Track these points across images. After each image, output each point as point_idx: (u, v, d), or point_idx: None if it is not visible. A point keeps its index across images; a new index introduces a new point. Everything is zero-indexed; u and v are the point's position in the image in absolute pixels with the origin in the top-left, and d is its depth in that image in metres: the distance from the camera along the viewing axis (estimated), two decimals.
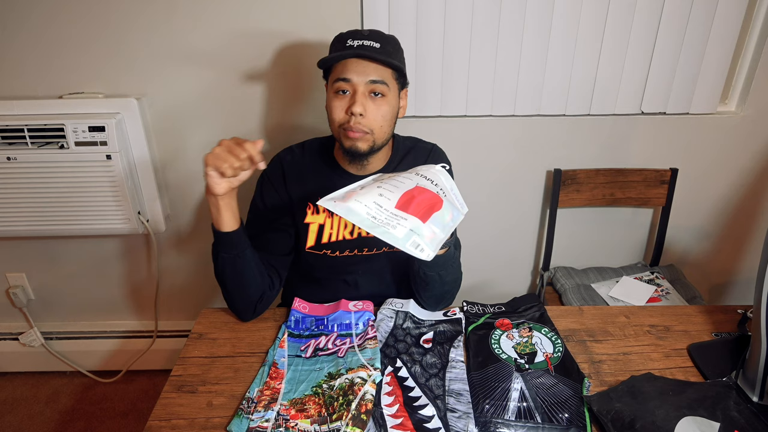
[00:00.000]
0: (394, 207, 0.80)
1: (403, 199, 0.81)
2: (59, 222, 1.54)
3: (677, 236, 1.77)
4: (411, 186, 0.83)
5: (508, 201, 1.71)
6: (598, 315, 1.14)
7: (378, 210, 0.79)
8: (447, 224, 0.83)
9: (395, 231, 0.77)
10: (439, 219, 0.82)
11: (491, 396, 0.89)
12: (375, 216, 0.79)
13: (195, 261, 1.78)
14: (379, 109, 1.03)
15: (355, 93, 1.02)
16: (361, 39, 1.02)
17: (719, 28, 1.47)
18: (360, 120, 1.02)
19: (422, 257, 0.78)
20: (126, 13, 1.40)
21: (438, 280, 1.07)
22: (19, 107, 1.45)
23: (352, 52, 1.01)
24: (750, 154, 1.65)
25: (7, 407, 1.82)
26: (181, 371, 0.98)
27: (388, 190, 0.82)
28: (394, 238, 0.77)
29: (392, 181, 0.85)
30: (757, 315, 0.86)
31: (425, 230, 0.79)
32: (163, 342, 1.88)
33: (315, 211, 1.14)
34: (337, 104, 1.04)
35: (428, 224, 0.80)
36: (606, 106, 1.56)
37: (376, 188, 0.83)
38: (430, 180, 0.86)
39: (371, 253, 1.17)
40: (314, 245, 1.16)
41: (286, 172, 1.16)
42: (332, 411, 0.85)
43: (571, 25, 1.45)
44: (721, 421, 0.81)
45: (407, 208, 0.80)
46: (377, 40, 1.03)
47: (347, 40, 1.03)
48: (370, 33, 1.04)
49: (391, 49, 1.05)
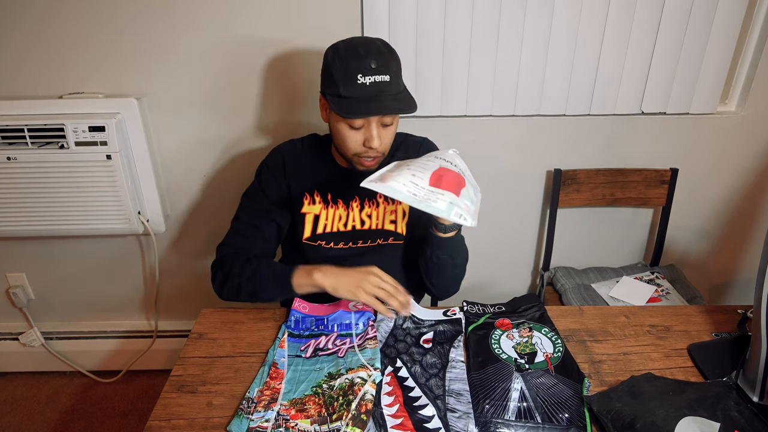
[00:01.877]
0: (429, 185, 0.89)
1: (434, 177, 0.90)
2: (59, 222, 1.54)
3: (677, 236, 1.77)
4: (436, 167, 0.91)
5: (508, 201, 1.71)
6: (598, 315, 1.14)
7: (416, 188, 0.88)
8: (473, 199, 0.92)
9: (437, 204, 0.87)
10: (467, 194, 0.91)
11: (491, 396, 0.89)
12: (415, 193, 0.88)
13: (195, 261, 1.78)
14: (390, 133, 1.08)
15: (369, 126, 1.03)
16: (371, 74, 0.99)
17: (719, 28, 1.47)
18: (377, 149, 1.05)
19: (468, 224, 0.88)
20: (126, 13, 1.40)
21: (450, 262, 1.12)
22: (19, 107, 1.45)
23: (373, 112, 0.99)
24: (750, 154, 1.65)
25: (7, 407, 1.82)
26: (181, 371, 0.98)
27: (419, 170, 0.91)
28: (438, 210, 0.86)
29: (417, 163, 0.93)
30: (757, 315, 0.86)
31: (461, 203, 0.89)
32: (163, 342, 1.88)
33: (311, 202, 1.18)
34: (350, 136, 1.05)
35: (462, 198, 0.89)
36: (606, 106, 1.56)
37: (407, 169, 0.91)
38: (449, 162, 0.93)
39: (366, 245, 1.20)
40: (310, 236, 1.19)
41: (286, 163, 1.19)
42: (332, 411, 0.85)
43: (571, 25, 1.45)
44: (721, 421, 0.81)
45: (440, 185, 0.89)
46: (385, 70, 1.00)
47: (357, 77, 0.98)
48: (377, 65, 0.99)
49: (396, 72, 1.03)
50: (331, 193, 1.19)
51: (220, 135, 1.57)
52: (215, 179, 1.64)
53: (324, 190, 1.18)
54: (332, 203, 1.18)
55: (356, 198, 1.19)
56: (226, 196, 1.65)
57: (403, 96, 1.04)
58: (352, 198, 1.19)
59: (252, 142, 1.58)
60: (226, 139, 1.58)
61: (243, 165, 1.61)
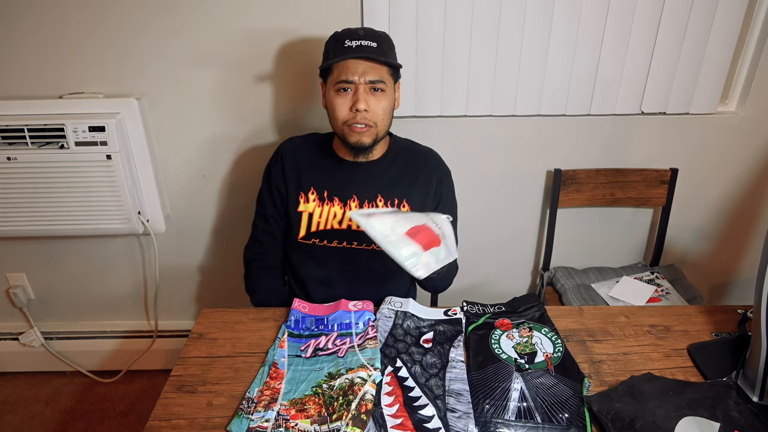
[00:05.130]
0: (405, 233, 0.95)
1: (413, 230, 0.96)
2: (59, 222, 1.54)
3: (677, 236, 1.77)
4: (420, 223, 0.98)
5: (508, 201, 1.71)
6: (598, 315, 1.14)
7: (392, 232, 0.95)
8: (440, 260, 0.97)
9: (401, 250, 0.93)
10: (435, 253, 0.97)
11: (491, 396, 0.89)
12: (388, 235, 0.94)
13: (195, 261, 1.78)
14: (380, 103, 1.11)
15: (357, 91, 1.09)
16: (359, 39, 1.08)
17: (719, 28, 1.47)
18: (365, 114, 1.09)
19: (416, 275, 0.92)
20: (126, 13, 1.40)
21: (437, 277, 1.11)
22: (19, 107, 1.45)
23: (353, 55, 1.07)
24: (750, 154, 1.65)
25: (7, 407, 1.82)
26: (181, 371, 0.98)
27: (404, 220, 0.98)
28: (399, 255, 0.92)
29: (407, 215, 1.01)
30: (757, 315, 0.86)
31: (424, 257, 0.94)
32: (163, 342, 1.88)
33: (306, 200, 1.20)
34: (339, 102, 1.11)
35: (427, 254, 0.95)
36: (606, 106, 1.56)
37: (394, 216, 0.99)
38: (436, 224, 1.00)
39: (360, 248, 1.21)
40: (305, 235, 1.21)
41: (284, 161, 1.23)
42: (332, 411, 0.85)
43: (572, 25, 1.45)
44: (721, 421, 0.81)
45: (414, 237, 0.95)
46: (373, 39, 1.09)
47: (345, 41, 1.08)
48: (365, 33, 1.10)
49: (386, 48, 1.11)
50: (328, 190, 1.19)
51: (220, 134, 1.57)
52: (215, 179, 1.64)
53: (320, 187, 1.20)
54: (328, 200, 1.19)
55: (354, 197, 1.19)
56: (226, 195, 1.65)
57: (386, 57, 1.09)
58: (349, 197, 1.19)
59: (252, 141, 1.58)
60: (226, 139, 1.58)
61: (243, 165, 1.61)
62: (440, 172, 1.26)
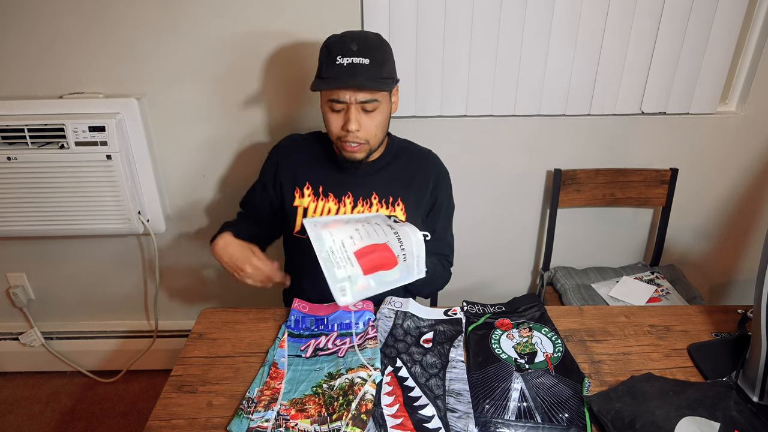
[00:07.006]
0: (353, 252, 0.90)
1: (365, 249, 0.91)
2: (59, 222, 1.54)
3: (677, 236, 1.77)
4: (381, 241, 0.93)
5: (508, 201, 1.71)
6: (598, 315, 1.14)
7: (340, 249, 0.90)
8: (389, 282, 0.92)
9: (337, 270, 0.88)
10: (382, 276, 0.92)
11: (491, 396, 0.89)
12: (333, 252, 0.89)
13: (195, 261, 1.78)
14: (373, 121, 1.09)
15: (348, 110, 1.06)
16: (351, 56, 1.02)
17: (719, 28, 1.47)
18: (356, 134, 1.07)
19: (338, 300, 0.88)
20: (126, 13, 1.40)
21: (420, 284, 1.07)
22: (19, 107, 1.45)
23: (342, 83, 1.03)
24: (750, 154, 1.65)
25: (7, 407, 1.82)
26: (181, 371, 0.98)
27: (361, 235, 0.92)
28: (331, 275, 0.87)
29: (371, 227, 0.95)
30: (757, 315, 0.86)
31: (361, 281, 0.89)
32: (163, 342, 1.88)
33: (301, 195, 1.20)
34: (332, 119, 1.09)
35: (368, 277, 0.90)
36: (606, 106, 1.56)
37: (354, 230, 0.93)
38: (401, 243, 0.93)
39: None
40: (300, 229, 1.21)
41: (279, 157, 1.24)
42: (332, 411, 0.85)
43: (572, 25, 1.45)
44: (721, 421, 0.81)
45: (362, 258, 0.90)
46: (366, 54, 1.03)
47: (336, 57, 1.03)
48: (358, 48, 1.03)
49: (380, 60, 1.05)
50: (323, 185, 1.20)
51: (220, 134, 1.57)
52: (215, 179, 1.64)
53: (316, 183, 1.20)
54: (323, 196, 1.19)
55: (349, 194, 1.19)
56: (226, 195, 1.65)
57: (379, 79, 1.05)
58: (344, 194, 1.19)
59: (252, 141, 1.58)
60: (226, 139, 1.58)
61: (243, 164, 1.61)
62: (437, 174, 1.25)
